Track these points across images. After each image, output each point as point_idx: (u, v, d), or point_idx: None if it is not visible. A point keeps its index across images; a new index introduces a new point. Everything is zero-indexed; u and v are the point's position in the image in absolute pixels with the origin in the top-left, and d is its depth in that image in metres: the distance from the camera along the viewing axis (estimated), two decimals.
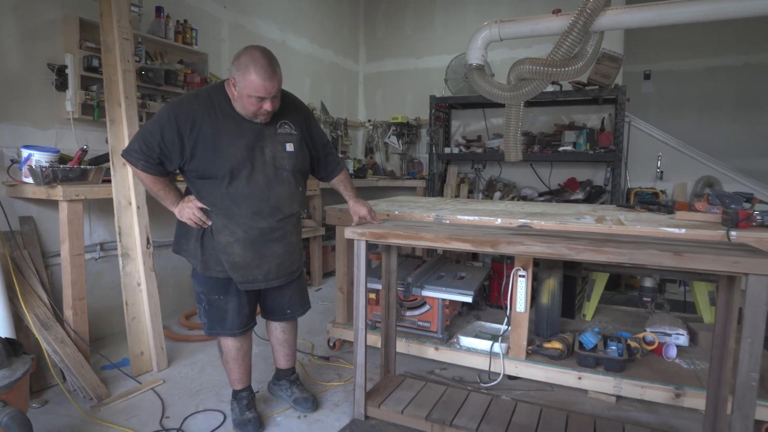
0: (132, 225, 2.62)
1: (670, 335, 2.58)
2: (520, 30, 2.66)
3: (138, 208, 2.62)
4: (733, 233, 2.01)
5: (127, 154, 1.89)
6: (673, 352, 2.49)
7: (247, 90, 1.80)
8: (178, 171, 1.98)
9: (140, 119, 2.79)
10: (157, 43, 3.32)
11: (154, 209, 2.62)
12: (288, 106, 2.05)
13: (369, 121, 6.06)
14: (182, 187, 2.07)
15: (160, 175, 1.92)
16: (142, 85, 3.09)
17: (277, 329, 2.27)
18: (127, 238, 2.62)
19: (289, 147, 2.01)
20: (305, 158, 2.11)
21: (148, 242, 2.65)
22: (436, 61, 5.64)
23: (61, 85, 2.79)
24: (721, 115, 6.02)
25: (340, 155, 5.22)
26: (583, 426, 2.02)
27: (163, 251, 3.39)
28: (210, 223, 1.95)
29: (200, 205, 1.95)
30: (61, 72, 2.77)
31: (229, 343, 2.09)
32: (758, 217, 2.09)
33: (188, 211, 1.94)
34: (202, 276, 2.01)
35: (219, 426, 2.13)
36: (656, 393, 2.21)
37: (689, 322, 2.81)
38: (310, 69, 5.24)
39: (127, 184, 2.62)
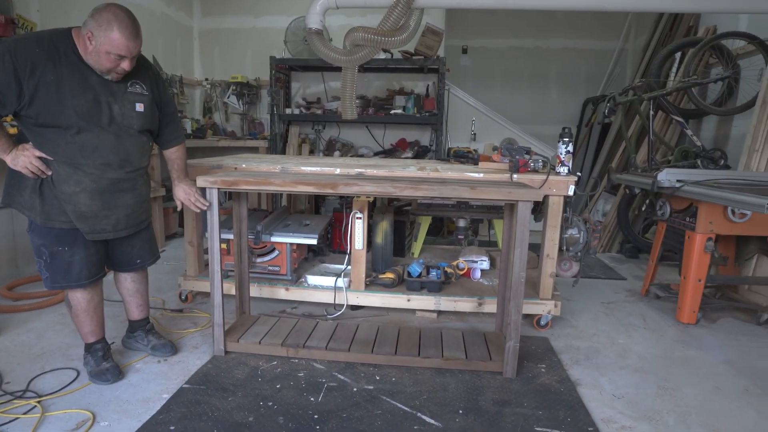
0: None
1: (476, 262, 3.23)
2: (355, 1, 2.95)
3: None
4: (515, 176, 2.63)
5: None
6: (478, 274, 3.15)
7: (107, 46, 1.79)
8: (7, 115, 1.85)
9: None
10: None
11: None
12: (140, 66, 2.04)
13: (206, 79, 5.86)
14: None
15: None
16: None
17: (127, 280, 2.30)
18: None
19: (139, 107, 2.01)
20: (154, 120, 2.13)
21: None
22: (275, 21, 5.67)
23: None
24: (519, 87, 7.18)
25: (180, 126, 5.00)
26: (412, 334, 2.50)
27: None
28: (50, 172, 1.89)
29: (39, 153, 1.87)
30: None
31: (78, 296, 2.07)
32: (532, 164, 2.75)
33: (24, 159, 1.84)
34: (42, 228, 1.95)
35: (72, 381, 2.10)
36: (465, 304, 2.81)
37: (491, 252, 3.53)
38: (139, 20, 4.85)
39: None
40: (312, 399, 1.99)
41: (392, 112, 5.12)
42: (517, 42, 7.11)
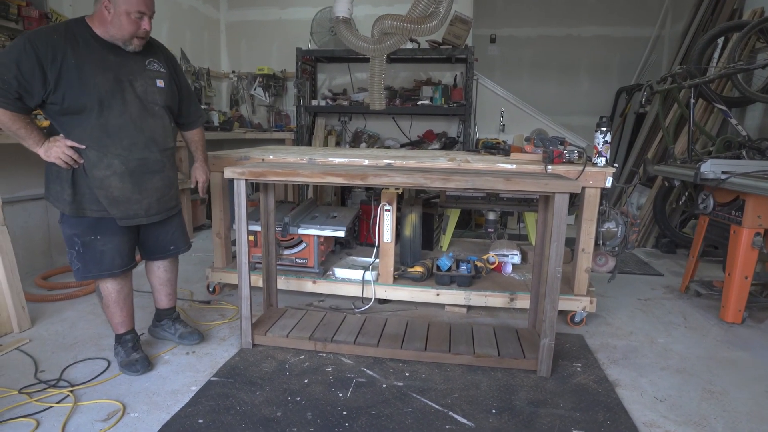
0: None
1: (507, 256, 3.14)
2: None
3: None
4: (549, 167, 2.53)
5: None
6: (509, 268, 3.06)
7: (126, 6, 1.82)
8: (38, 109, 1.88)
9: None
10: None
11: (1, 162, 2.39)
12: (154, 47, 2.10)
13: (233, 72, 5.87)
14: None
15: (19, 111, 1.81)
16: None
17: (160, 269, 2.31)
18: None
19: (160, 83, 2.04)
20: (174, 97, 2.16)
21: None
22: (301, 12, 5.63)
23: None
24: (548, 77, 6.98)
25: (204, 107, 5.03)
26: (442, 330, 2.44)
27: (9, 208, 3.07)
28: (82, 161, 1.91)
29: (70, 143, 1.88)
30: None
31: (109, 286, 2.08)
32: (566, 155, 2.64)
33: (56, 149, 1.86)
34: (73, 218, 1.96)
35: (104, 371, 2.12)
36: (496, 299, 2.73)
37: (522, 245, 3.43)
38: (167, 13, 4.88)
39: None
40: (340, 395, 1.95)
41: (419, 103, 5.03)
42: (546, 30, 6.91)
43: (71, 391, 1.95)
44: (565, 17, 6.82)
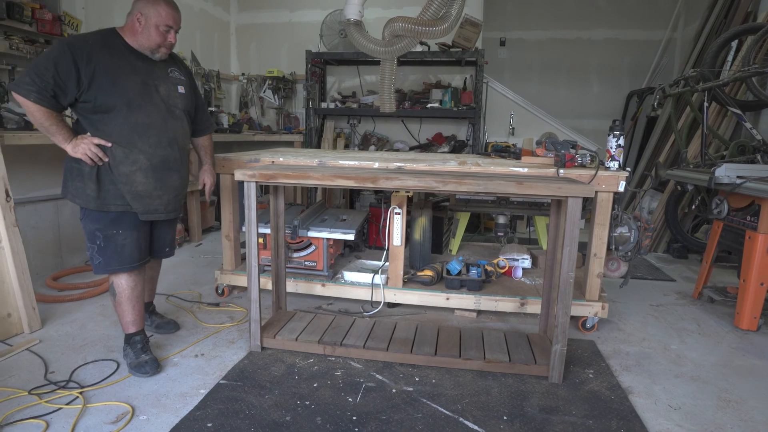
0: None
1: (517, 260, 3.11)
2: None
3: None
4: (561, 171, 2.50)
5: (16, 87, 1.89)
6: (519, 273, 3.03)
7: (156, 19, 2.03)
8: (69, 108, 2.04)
9: None
10: None
11: (11, 161, 2.41)
12: (175, 60, 2.31)
13: (243, 74, 5.89)
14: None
15: (53, 109, 1.94)
16: None
17: (154, 269, 2.51)
18: None
19: (181, 89, 2.23)
20: (192, 103, 2.34)
21: (7, 195, 2.44)
22: (311, 15, 5.63)
23: None
24: (558, 80, 6.94)
25: (213, 109, 5.05)
26: (452, 334, 2.42)
27: (20, 209, 3.09)
28: (107, 159, 2.02)
29: (97, 141, 1.99)
30: None
31: (123, 282, 2.13)
32: (579, 159, 2.61)
33: (84, 146, 1.97)
34: (97, 213, 2.05)
35: (113, 373, 2.12)
36: (507, 304, 2.70)
37: (532, 250, 3.40)
38: None
39: None
40: (350, 399, 1.94)
41: (429, 105, 5.01)
42: (556, 33, 6.88)
43: (81, 393, 1.95)
44: (575, 20, 6.79)
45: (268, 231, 2.69)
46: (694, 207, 4.04)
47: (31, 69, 1.90)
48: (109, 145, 2.01)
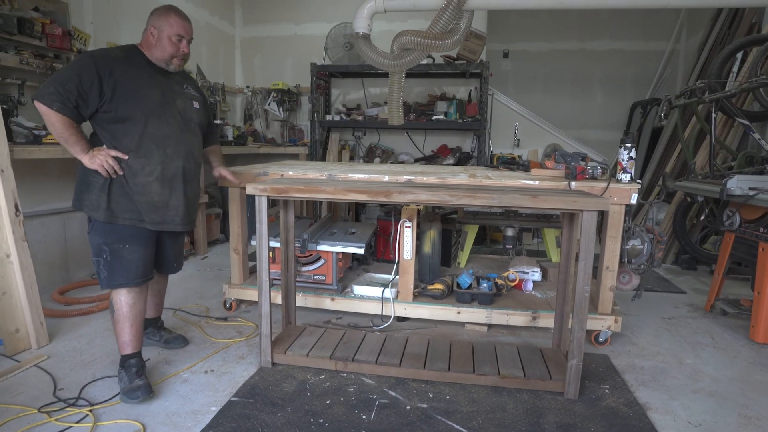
0: None
1: (527, 273, 3.08)
2: (403, 4, 2.87)
3: (2, 171, 2.37)
4: (572, 183, 2.49)
5: (40, 97, 1.90)
6: (530, 286, 3.00)
7: (168, 30, 2.09)
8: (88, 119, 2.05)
9: None
10: None
11: (21, 175, 2.41)
12: (189, 78, 2.40)
13: (248, 87, 5.91)
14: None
15: (73, 119, 1.96)
16: None
17: (160, 284, 2.50)
18: None
19: (195, 104, 2.29)
20: (206, 119, 2.40)
21: (16, 209, 2.43)
22: (316, 28, 5.67)
23: None
24: (562, 92, 6.96)
25: (218, 122, 5.06)
26: (464, 349, 2.39)
27: (28, 223, 3.07)
28: (122, 172, 2.02)
29: (114, 153, 2.00)
30: None
31: (123, 299, 2.08)
32: (590, 171, 2.60)
33: (101, 158, 1.98)
34: (105, 225, 2.04)
35: None
36: (518, 318, 2.67)
37: (541, 262, 3.37)
38: None
39: None
40: (364, 417, 1.91)
41: (434, 117, 5.02)
42: (560, 45, 6.91)
43: (90, 411, 1.92)
44: (578, 31, 6.82)
45: (277, 245, 2.66)
46: (702, 218, 4.02)
47: (55, 79, 1.93)
48: (126, 157, 2.02)
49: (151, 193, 2.08)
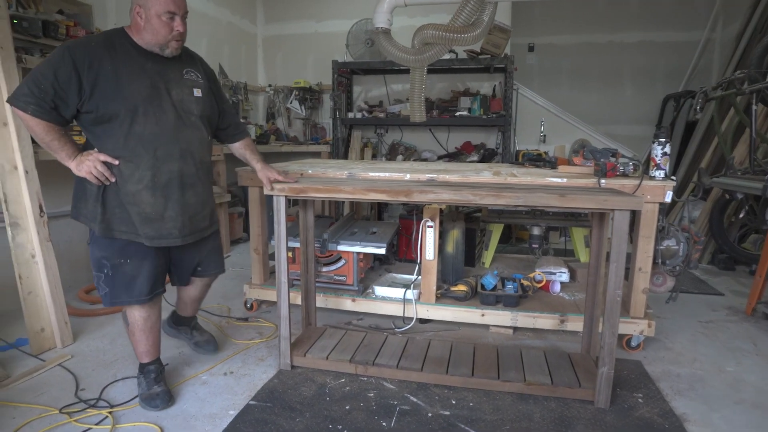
0: (20, 191, 2.40)
1: (555, 274, 2.98)
2: None
3: (26, 172, 2.40)
4: (602, 181, 2.37)
5: (14, 99, 1.70)
6: (557, 287, 2.89)
7: (156, 7, 1.75)
8: (73, 121, 1.84)
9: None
10: None
11: (45, 176, 2.43)
12: (194, 59, 2.05)
13: (270, 85, 5.91)
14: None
15: (54, 122, 1.74)
16: (17, 36, 2.74)
17: (191, 290, 2.27)
18: (16, 206, 2.39)
19: (197, 92, 1.96)
20: (213, 107, 2.08)
21: (41, 210, 2.45)
22: (337, 25, 5.62)
23: None
24: (589, 86, 6.75)
25: (241, 120, 5.06)
26: (489, 354, 2.30)
27: (53, 223, 3.11)
28: (113, 179, 1.81)
29: (103, 157, 1.78)
30: None
31: (136, 314, 1.97)
32: (621, 168, 2.48)
33: (89, 164, 1.76)
34: (103, 239, 1.87)
35: None
36: (545, 321, 2.57)
37: (569, 262, 3.25)
38: (206, 29, 4.96)
39: (10, 146, 2.37)
40: (384, 424, 1.85)
41: (457, 114, 4.92)
42: (587, 37, 6.70)
43: (110, 412, 1.92)
44: (606, 23, 6.59)
45: (297, 245, 2.63)
46: (741, 216, 3.83)
47: (29, 79, 1.69)
48: (116, 162, 1.80)
49: (142, 204, 1.83)
